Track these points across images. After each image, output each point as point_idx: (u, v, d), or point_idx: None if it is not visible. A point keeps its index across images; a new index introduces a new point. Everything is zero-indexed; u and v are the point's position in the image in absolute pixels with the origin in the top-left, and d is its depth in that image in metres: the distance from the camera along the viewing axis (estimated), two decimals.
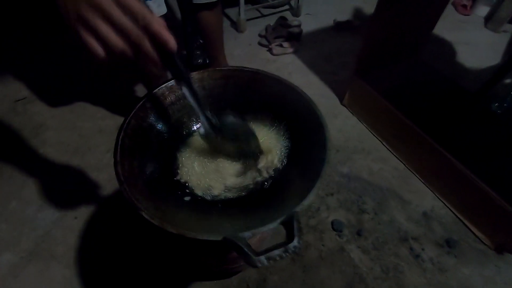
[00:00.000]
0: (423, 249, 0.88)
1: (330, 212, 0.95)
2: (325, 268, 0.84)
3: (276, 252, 0.31)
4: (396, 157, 1.10)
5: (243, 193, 0.49)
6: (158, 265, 0.84)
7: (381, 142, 1.15)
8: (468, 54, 1.50)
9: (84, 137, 1.17)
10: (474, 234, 0.90)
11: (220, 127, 0.51)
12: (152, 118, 0.50)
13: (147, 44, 0.34)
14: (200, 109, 0.48)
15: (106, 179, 1.02)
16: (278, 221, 0.36)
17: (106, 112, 1.25)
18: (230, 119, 0.52)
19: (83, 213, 0.94)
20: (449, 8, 1.78)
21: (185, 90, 0.45)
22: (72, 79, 1.39)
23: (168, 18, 1.66)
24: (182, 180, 0.50)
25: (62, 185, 1.02)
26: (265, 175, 0.50)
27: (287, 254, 0.31)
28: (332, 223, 0.92)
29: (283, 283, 0.81)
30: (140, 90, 1.32)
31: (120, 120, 0.46)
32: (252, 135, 0.52)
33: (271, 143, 0.54)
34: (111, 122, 1.21)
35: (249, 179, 0.50)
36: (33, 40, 1.57)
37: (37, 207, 0.96)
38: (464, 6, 1.79)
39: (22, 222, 0.93)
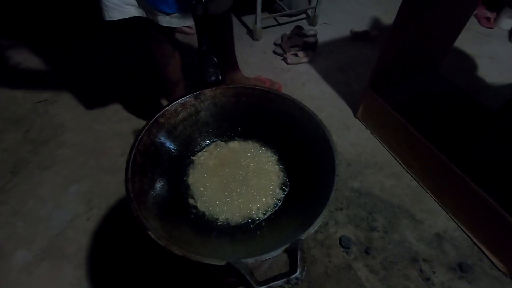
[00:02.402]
0: (434, 272, 0.85)
1: (338, 227, 0.94)
2: (330, 285, 0.83)
3: (278, 283, 0.31)
4: (410, 174, 1.07)
5: (248, 219, 0.49)
6: (166, 271, 0.85)
7: (395, 158, 1.12)
8: (491, 69, 1.45)
9: (100, 139, 1.20)
10: (490, 259, 0.87)
11: None
12: (164, 134, 0.51)
13: None
14: None
15: (119, 183, 1.05)
16: (282, 248, 0.36)
17: (122, 116, 1.28)
18: None
19: (96, 215, 0.97)
20: (472, 21, 1.73)
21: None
22: (90, 82, 1.43)
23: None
24: (190, 200, 0.51)
25: (77, 186, 1.05)
26: (261, 216, 0.50)
27: (289, 285, 0.31)
28: (340, 239, 0.91)
29: None
30: (156, 95, 1.35)
31: (135, 123, 0.47)
32: None
33: (271, 170, 0.53)
34: (127, 126, 1.24)
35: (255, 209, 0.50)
36: (54, 44, 1.63)
37: (52, 207, 0.99)
38: (488, 18, 1.74)
39: (37, 221, 0.96)
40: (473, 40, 1.62)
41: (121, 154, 1.14)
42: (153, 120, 0.49)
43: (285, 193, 0.52)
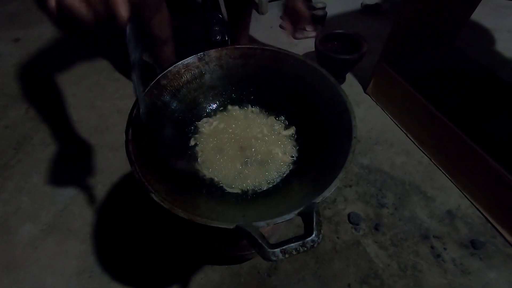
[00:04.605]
0: (445, 249, 0.83)
1: (347, 204, 0.92)
2: (339, 261, 0.81)
3: (293, 245, 0.29)
4: (421, 150, 1.04)
5: (258, 185, 0.46)
6: (171, 245, 0.84)
7: (406, 134, 1.08)
8: (510, 43, 1.38)
9: (103, 116, 1.18)
10: (503, 237, 0.84)
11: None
12: (166, 97, 0.48)
13: (100, 9, 0.32)
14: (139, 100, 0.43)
15: (123, 159, 1.03)
16: (295, 212, 0.33)
17: (124, 93, 1.25)
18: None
19: (100, 190, 0.96)
20: None
21: (133, 75, 0.40)
22: (90, 58, 1.39)
23: None
24: (195, 166, 0.48)
25: (81, 162, 1.03)
26: (271, 181, 0.48)
27: (305, 248, 0.29)
28: (349, 215, 0.89)
29: (294, 272, 0.79)
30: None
31: None
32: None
33: (281, 135, 0.50)
34: (129, 103, 1.20)
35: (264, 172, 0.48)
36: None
37: (56, 183, 0.98)
38: None
39: (42, 196, 0.95)
40: (491, 12, 1.53)
41: (124, 130, 1.11)
42: (154, 81, 0.46)
43: (296, 158, 0.49)
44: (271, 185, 0.46)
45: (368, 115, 1.15)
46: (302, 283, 0.77)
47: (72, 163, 1.03)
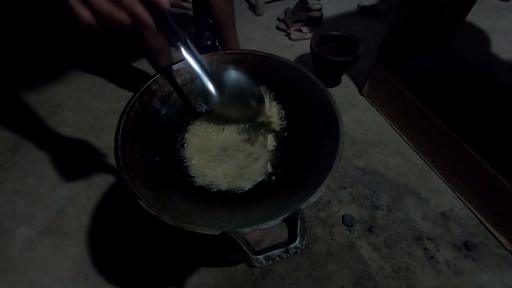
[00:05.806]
0: (438, 251, 0.83)
1: (341, 206, 0.92)
2: (333, 263, 0.82)
3: (276, 252, 0.29)
4: (416, 152, 1.04)
5: (246, 189, 0.47)
6: (167, 247, 0.84)
7: (401, 136, 1.09)
8: (506, 45, 1.38)
9: (99, 118, 1.18)
10: (497, 238, 0.85)
11: (225, 88, 0.48)
12: (157, 102, 0.48)
13: (137, 6, 0.32)
14: (203, 72, 0.45)
15: None
16: (281, 218, 0.33)
17: (120, 94, 1.25)
18: (233, 76, 0.49)
19: (95, 193, 0.96)
20: None
21: (184, 53, 0.43)
22: (88, 59, 1.39)
23: None
24: (185, 170, 0.48)
25: (77, 164, 1.04)
26: (259, 185, 0.48)
27: (288, 255, 0.29)
28: (343, 217, 0.89)
29: (288, 274, 0.80)
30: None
31: None
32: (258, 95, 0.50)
33: (269, 140, 0.51)
34: (125, 104, 1.21)
35: (254, 171, 0.48)
36: (47, 20, 1.58)
37: (52, 185, 0.99)
38: None
39: (38, 198, 0.96)
40: (487, 13, 1.54)
41: None
42: (145, 86, 0.46)
43: (285, 162, 0.49)
44: (260, 188, 0.46)
45: (364, 117, 1.15)
46: (296, 285, 0.78)
47: (68, 164, 1.03)
